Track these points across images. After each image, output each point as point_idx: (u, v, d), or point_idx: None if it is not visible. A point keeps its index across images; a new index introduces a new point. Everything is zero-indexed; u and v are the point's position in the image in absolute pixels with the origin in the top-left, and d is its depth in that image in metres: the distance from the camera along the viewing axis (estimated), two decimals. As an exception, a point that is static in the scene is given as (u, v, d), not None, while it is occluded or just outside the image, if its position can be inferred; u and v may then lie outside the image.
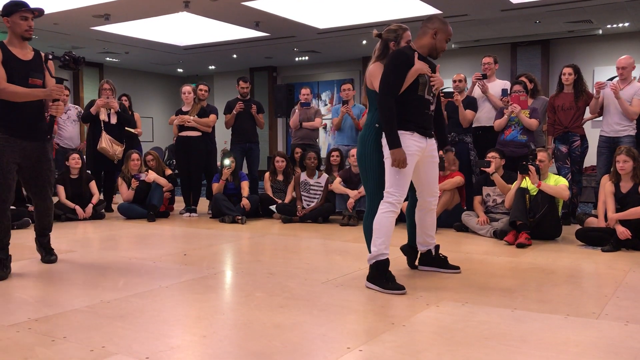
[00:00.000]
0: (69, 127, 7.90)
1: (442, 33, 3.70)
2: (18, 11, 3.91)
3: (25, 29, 3.93)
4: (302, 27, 10.36)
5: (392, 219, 3.53)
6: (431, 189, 3.84)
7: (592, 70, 10.61)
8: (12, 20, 3.93)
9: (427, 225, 3.94)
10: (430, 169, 3.78)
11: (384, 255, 3.50)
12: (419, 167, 3.73)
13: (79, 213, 6.79)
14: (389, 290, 3.42)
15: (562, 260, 4.52)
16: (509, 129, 6.23)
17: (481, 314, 3.01)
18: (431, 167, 3.78)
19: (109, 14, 9.23)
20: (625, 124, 6.07)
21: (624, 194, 5.01)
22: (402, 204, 3.58)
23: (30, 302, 3.22)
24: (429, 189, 3.83)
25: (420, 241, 4.01)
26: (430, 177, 3.81)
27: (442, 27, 3.69)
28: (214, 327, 2.81)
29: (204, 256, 4.68)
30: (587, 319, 2.94)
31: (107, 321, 2.87)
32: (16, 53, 3.95)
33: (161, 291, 3.49)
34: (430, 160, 3.75)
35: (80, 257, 4.64)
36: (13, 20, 3.93)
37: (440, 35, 3.70)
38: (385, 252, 3.51)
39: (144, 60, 13.86)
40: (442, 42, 3.73)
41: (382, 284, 3.47)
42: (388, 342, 2.58)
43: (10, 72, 3.88)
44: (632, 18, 9.74)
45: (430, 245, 4.02)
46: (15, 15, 3.92)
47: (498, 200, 5.77)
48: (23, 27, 3.92)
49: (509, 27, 10.29)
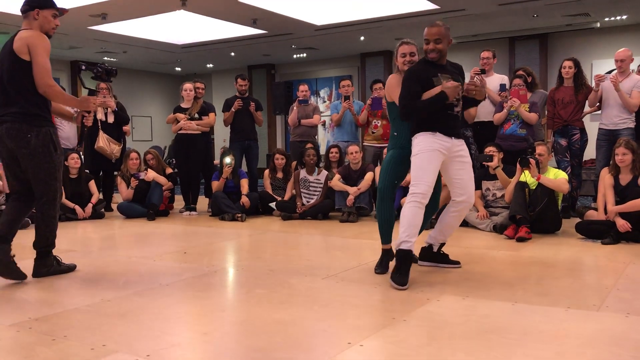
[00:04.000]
0: (66, 127, 7.87)
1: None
2: (52, 7, 3.84)
3: (53, 26, 3.86)
4: (300, 24, 10.34)
5: (415, 209, 3.51)
6: (459, 189, 3.76)
7: (590, 64, 10.59)
8: (44, 15, 3.81)
9: (445, 223, 3.91)
10: (459, 169, 3.71)
11: (405, 244, 3.51)
12: (447, 167, 3.70)
13: (78, 213, 6.78)
14: (391, 280, 3.44)
15: (563, 253, 4.52)
16: (508, 123, 6.22)
17: (482, 307, 3.01)
18: (459, 167, 3.71)
19: (106, 13, 9.21)
20: (624, 117, 6.07)
21: (623, 187, 5.01)
22: (428, 197, 3.56)
23: (31, 302, 3.22)
24: (457, 189, 3.77)
25: (432, 234, 4.01)
26: (458, 178, 3.73)
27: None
28: (215, 324, 2.81)
29: (204, 254, 4.68)
30: (587, 311, 2.94)
31: (108, 320, 2.87)
32: None
33: (161, 289, 3.49)
34: (458, 160, 3.70)
35: (81, 256, 4.64)
36: (45, 14, 3.81)
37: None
38: (407, 241, 3.51)
39: (142, 59, 13.84)
40: (426, 47, 3.73)
41: (393, 272, 3.49)
42: (389, 336, 2.58)
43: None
44: (629, 11, 9.72)
45: (436, 242, 4.01)
46: (48, 10, 3.82)
47: (498, 195, 5.76)
48: (52, 25, 3.85)
49: (507, 21, 10.28)
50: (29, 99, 3.70)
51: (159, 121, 15.64)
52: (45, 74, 3.68)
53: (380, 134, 7.09)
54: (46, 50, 3.72)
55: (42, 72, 3.67)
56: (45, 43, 3.73)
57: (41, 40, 3.71)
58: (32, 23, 3.80)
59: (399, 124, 3.82)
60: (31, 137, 3.68)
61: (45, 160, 3.72)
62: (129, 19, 9.78)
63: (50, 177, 3.75)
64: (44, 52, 3.69)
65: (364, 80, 12.81)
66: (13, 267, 3.71)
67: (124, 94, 13.08)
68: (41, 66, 3.67)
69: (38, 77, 3.67)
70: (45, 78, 3.68)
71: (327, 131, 13.32)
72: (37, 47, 3.67)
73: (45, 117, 3.78)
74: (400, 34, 11.15)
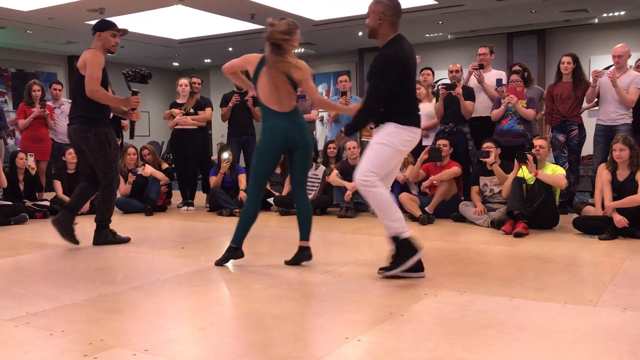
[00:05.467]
0: (63, 122, 7.85)
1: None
2: (110, 29, 4.71)
3: (113, 44, 4.73)
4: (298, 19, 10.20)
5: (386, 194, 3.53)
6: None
7: (588, 60, 10.58)
8: (104, 36, 4.69)
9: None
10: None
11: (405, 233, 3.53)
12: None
13: (76, 208, 6.77)
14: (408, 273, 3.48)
15: (560, 248, 4.53)
16: (506, 119, 6.22)
17: (479, 303, 3.02)
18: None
19: (104, 8, 9.17)
20: (621, 113, 6.07)
21: (620, 182, 5.02)
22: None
23: (28, 297, 3.22)
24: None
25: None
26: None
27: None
28: (213, 319, 2.81)
29: (202, 249, 4.68)
30: (584, 306, 2.95)
31: (106, 315, 2.87)
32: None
33: (159, 284, 3.49)
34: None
35: (78, 251, 4.64)
36: (105, 36, 4.69)
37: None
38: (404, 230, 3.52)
39: (140, 54, 13.79)
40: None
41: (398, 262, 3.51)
42: (387, 331, 2.58)
43: (105, 78, 4.68)
44: (627, 7, 9.72)
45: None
46: (107, 32, 4.69)
47: (495, 190, 5.77)
48: (111, 43, 4.72)
49: (505, 17, 10.26)
50: (87, 105, 4.62)
51: (156, 116, 15.58)
52: (92, 82, 4.54)
53: (378, 129, 7.09)
54: (97, 65, 4.58)
55: (89, 81, 4.55)
56: (97, 59, 4.60)
57: (94, 57, 4.59)
58: (96, 43, 4.70)
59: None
60: (89, 136, 4.62)
61: (101, 154, 4.65)
62: (126, 14, 9.74)
63: (107, 166, 4.69)
64: (94, 66, 4.56)
65: (362, 75, 12.80)
66: (72, 232, 4.74)
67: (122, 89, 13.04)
68: (89, 76, 4.55)
69: (86, 85, 4.55)
70: (91, 85, 4.54)
71: (325, 127, 13.30)
72: (89, 62, 4.57)
73: (101, 119, 4.68)
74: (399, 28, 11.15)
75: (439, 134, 6.47)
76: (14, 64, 12.90)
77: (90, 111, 4.65)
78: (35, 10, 9.28)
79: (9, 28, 10.60)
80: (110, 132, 4.73)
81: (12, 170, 6.73)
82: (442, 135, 6.36)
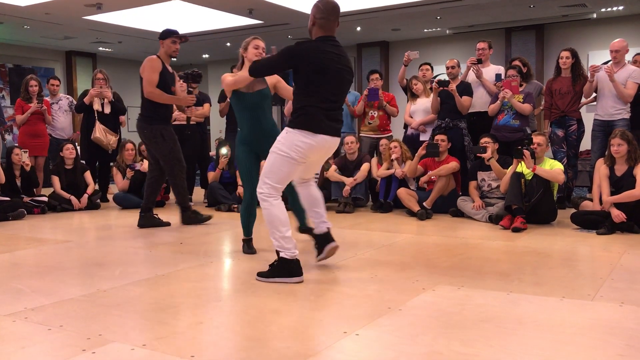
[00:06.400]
0: (61, 117, 7.86)
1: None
2: (171, 36, 5.34)
3: (174, 50, 5.36)
4: (296, 14, 10.29)
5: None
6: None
7: (586, 55, 10.58)
8: (166, 43, 5.34)
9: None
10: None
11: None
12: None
13: (74, 203, 6.77)
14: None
15: (558, 243, 4.54)
16: (501, 114, 6.22)
17: (477, 297, 3.03)
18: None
19: (101, 3, 9.14)
20: (619, 108, 6.07)
21: (618, 177, 5.03)
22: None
23: (27, 292, 3.22)
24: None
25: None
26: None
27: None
28: (211, 313, 2.81)
29: (200, 244, 4.68)
30: (582, 300, 2.96)
31: (104, 310, 2.87)
32: (167, 66, 5.37)
33: (158, 279, 3.49)
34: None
35: (76, 246, 4.64)
36: (166, 42, 5.34)
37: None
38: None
39: (137, 49, 13.75)
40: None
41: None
42: (385, 326, 2.59)
43: (164, 79, 5.26)
44: (626, 2, 9.71)
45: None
46: (168, 39, 5.33)
47: (493, 185, 5.78)
48: (172, 49, 5.36)
49: (503, 12, 10.25)
50: (145, 105, 5.34)
51: (154, 112, 15.57)
52: (147, 84, 5.20)
53: (376, 124, 7.09)
54: (153, 69, 5.22)
55: (146, 85, 5.23)
56: (153, 63, 5.25)
57: (150, 62, 5.26)
58: (160, 50, 5.38)
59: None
60: (146, 132, 5.32)
61: (157, 147, 5.33)
62: (124, 9, 9.72)
63: (164, 158, 5.34)
64: (150, 70, 5.22)
65: (360, 71, 12.77)
66: (160, 223, 5.54)
67: (120, 84, 13.00)
68: (146, 80, 5.23)
69: (144, 88, 5.26)
70: (147, 88, 5.21)
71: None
72: (147, 68, 5.24)
73: (155, 117, 5.28)
74: (397, 24, 11.13)
75: (436, 130, 6.47)
76: (11, 59, 12.86)
77: (147, 110, 5.31)
78: (33, 5, 9.25)
79: (6, 23, 10.56)
80: (164, 128, 5.29)
81: (9, 165, 6.73)
82: (439, 130, 6.36)
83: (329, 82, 3.38)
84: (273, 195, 3.41)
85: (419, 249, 4.42)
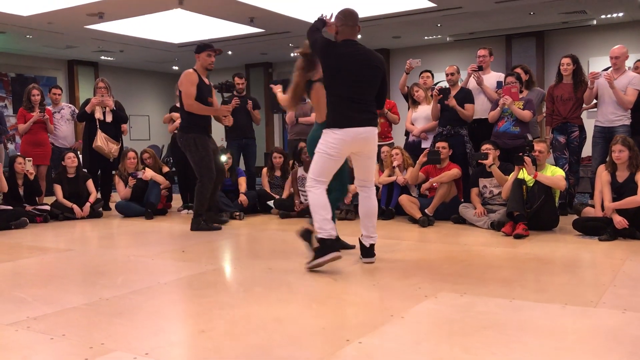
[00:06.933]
0: (63, 126, 7.88)
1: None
2: (206, 50, 5.62)
3: (209, 62, 5.62)
4: (297, 22, 10.33)
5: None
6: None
7: (587, 61, 10.59)
8: (201, 57, 5.61)
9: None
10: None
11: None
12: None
13: (76, 212, 6.78)
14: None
15: (560, 250, 4.54)
16: (502, 121, 6.22)
17: (479, 304, 3.02)
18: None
19: (103, 12, 9.19)
20: (619, 114, 6.06)
21: (620, 183, 5.02)
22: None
23: (29, 301, 3.22)
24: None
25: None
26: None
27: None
28: (213, 322, 2.81)
29: (202, 252, 4.68)
30: (585, 307, 2.95)
31: (106, 318, 2.87)
32: (203, 79, 5.61)
33: (160, 288, 3.49)
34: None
35: (79, 255, 4.64)
36: (202, 56, 5.61)
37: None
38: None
39: (139, 58, 13.81)
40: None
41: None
42: (387, 334, 2.59)
43: (201, 92, 5.51)
44: (626, 8, 9.74)
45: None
46: (204, 53, 5.61)
47: (495, 192, 5.78)
48: (207, 62, 5.61)
49: (504, 19, 10.29)
50: (183, 116, 5.63)
51: (156, 120, 15.60)
52: (186, 97, 5.48)
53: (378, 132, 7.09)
54: (190, 83, 5.48)
55: (184, 98, 5.53)
56: (190, 77, 5.50)
57: (187, 76, 5.53)
58: (196, 63, 5.65)
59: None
60: (182, 140, 5.62)
61: (190, 155, 5.60)
62: (126, 18, 9.77)
63: (196, 165, 5.61)
64: (188, 83, 5.49)
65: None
66: (216, 226, 5.74)
67: (122, 93, 13.04)
68: (183, 93, 5.53)
69: (183, 100, 5.55)
70: (186, 100, 5.49)
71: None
72: (184, 82, 5.52)
73: (191, 127, 5.55)
74: (398, 32, 11.16)
75: (437, 137, 6.47)
76: (13, 68, 12.92)
77: (184, 120, 5.63)
78: (35, 15, 9.30)
79: (8, 33, 10.62)
80: (198, 137, 5.53)
81: (12, 174, 6.74)
82: (441, 137, 6.37)
83: (345, 79, 3.85)
84: (316, 186, 3.90)
85: (421, 256, 4.41)
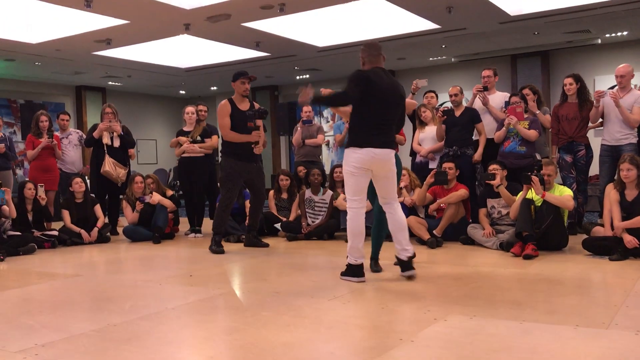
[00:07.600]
0: (71, 151, 7.93)
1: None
2: (240, 78, 5.89)
3: (244, 90, 5.91)
4: (302, 45, 10.42)
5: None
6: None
7: (592, 80, 10.61)
8: (237, 85, 5.90)
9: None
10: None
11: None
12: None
13: (84, 237, 6.79)
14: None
15: (570, 270, 4.49)
16: (508, 141, 6.22)
17: (489, 327, 2.99)
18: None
19: (111, 38, 9.31)
20: (626, 132, 6.04)
21: (629, 202, 4.99)
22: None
23: (37, 328, 3.22)
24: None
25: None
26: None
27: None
28: (221, 347, 2.80)
29: (210, 276, 4.67)
30: (596, 329, 2.91)
31: (114, 345, 2.86)
32: (239, 106, 5.89)
33: (168, 313, 3.48)
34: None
35: (87, 280, 4.64)
36: (237, 84, 5.90)
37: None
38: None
39: (146, 83, 13.95)
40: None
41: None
42: (397, 358, 2.56)
43: (236, 119, 5.81)
44: (630, 27, 9.77)
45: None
46: (238, 81, 5.89)
47: (503, 212, 5.75)
48: (242, 89, 5.90)
49: (508, 39, 10.34)
50: (222, 142, 5.99)
51: (163, 144, 15.71)
52: (222, 128, 5.89)
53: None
54: (222, 114, 5.84)
55: (220, 129, 5.99)
56: (222, 109, 5.87)
57: (220, 108, 5.90)
58: (235, 91, 5.95)
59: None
60: (220, 163, 6.05)
61: (221, 175, 5.97)
62: (133, 44, 9.89)
63: (220, 185, 6.02)
64: (220, 116, 5.85)
65: (367, 100, 12.85)
66: (259, 243, 6.18)
67: (129, 117, 13.17)
68: (219, 124, 5.93)
69: (220, 130, 6.01)
70: (221, 131, 5.94)
71: (331, 151, 13.34)
72: (218, 113, 5.88)
73: (226, 152, 5.91)
74: (403, 53, 11.22)
75: (444, 157, 6.47)
76: (22, 95, 13.07)
77: (225, 147, 5.97)
78: (44, 42, 9.43)
79: (18, 60, 10.76)
80: (227, 160, 5.88)
81: (21, 200, 6.77)
82: (447, 158, 6.37)
83: (375, 105, 4.12)
84: (352, 207, 4.18)
85: (429, 277, 4.38)
